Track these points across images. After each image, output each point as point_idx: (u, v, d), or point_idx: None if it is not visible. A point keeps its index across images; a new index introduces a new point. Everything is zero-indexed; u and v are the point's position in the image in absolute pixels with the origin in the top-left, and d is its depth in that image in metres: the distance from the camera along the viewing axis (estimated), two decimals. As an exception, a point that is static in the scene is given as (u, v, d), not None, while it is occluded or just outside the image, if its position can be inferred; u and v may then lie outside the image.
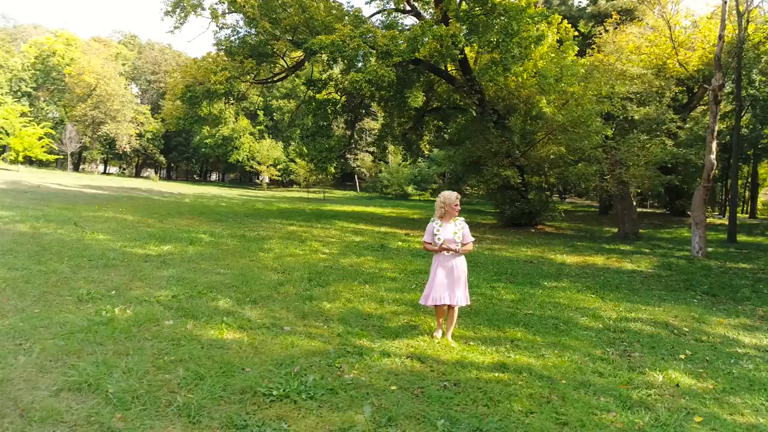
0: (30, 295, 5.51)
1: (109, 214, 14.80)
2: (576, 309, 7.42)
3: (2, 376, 3.49)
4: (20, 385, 3.40)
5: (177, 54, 63.75)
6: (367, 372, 4.24)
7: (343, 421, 3.32)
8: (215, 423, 3.14)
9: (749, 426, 3.74)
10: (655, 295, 9.13)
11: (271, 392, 3.62)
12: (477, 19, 16.52)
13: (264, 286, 7.09)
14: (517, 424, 3.47)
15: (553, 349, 5.29)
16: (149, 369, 3.86)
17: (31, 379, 3.52)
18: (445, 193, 5.36)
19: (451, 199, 5.24)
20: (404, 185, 47.20)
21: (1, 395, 3.23)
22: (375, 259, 10.63)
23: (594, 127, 18.84)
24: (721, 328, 6.91)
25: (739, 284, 10.72)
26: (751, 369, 5.15)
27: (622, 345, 5.70)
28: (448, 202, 5.23)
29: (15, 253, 7.67)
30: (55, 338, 4.30)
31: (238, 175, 77.43)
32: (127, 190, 31.37)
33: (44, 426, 2.92)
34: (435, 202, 5.44)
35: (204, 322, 5.16)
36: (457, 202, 5.26)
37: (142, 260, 8.19)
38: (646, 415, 3.79)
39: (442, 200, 5.28)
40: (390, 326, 5.67)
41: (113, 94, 47.96)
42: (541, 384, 4.25)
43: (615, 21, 27.18)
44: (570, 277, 10.49)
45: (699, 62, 24.33)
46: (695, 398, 4.22)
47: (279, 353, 4.49)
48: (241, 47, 16.28)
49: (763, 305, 8.83)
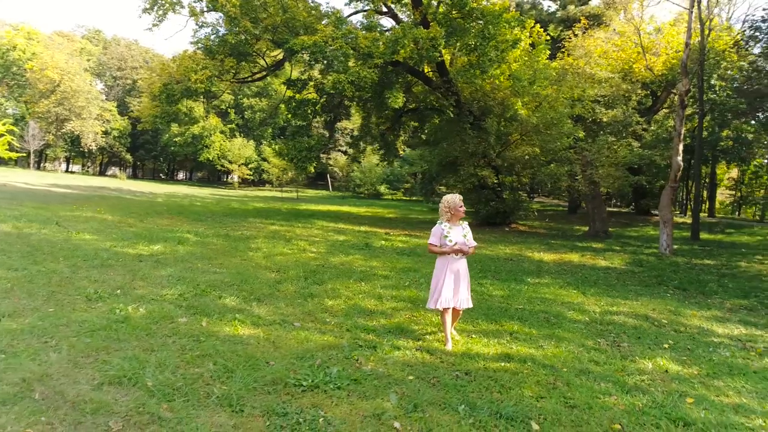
0: (39, 295, 5.54)
1: (88, 213, 14.58)
2: (562, 304, 7.81)
3: (41, 372, 3.59)
4: (61, 379, 3.52)
5: (144, 50, 62.48)
6: (382, 364, 4.48)
7: (373, 407, 3.55)
8: (257, 411, 3.33)
9: (735, 405, 4.14)
10: (632, 290, 9.65)
11: (300, 383, 3.82)
12: (455, 22, 16.87)
13: (263, 285, 7.23)
14: (531, 408, 3.76)
15: (549, 340, 5.63)
16: (179, 363, 4.01)
17: (69, 374, 3.63)
18: (447, 197, 5.36)
19: (455, 201, 5.27)
20: (377, 185, 47.49)
21: (47, 389, 3.34)
22: (363, 257, 10.84)
23: (566, 129, 19.50)
24: (696, 320, 7.41)
25: (706, 279, 11.37)
26: (728, 356, 5.60)
27: (610, 336, 6.09)
28: (452, 205, 5.25)
29: (8, 253, 7.59)
30: (78, 336, 4.38)
31: (206, 174, 76.34)
32: (96, 189, 30.68)
33: (98, 416, 3.06)
34: (438, 206, 5.46)
35: (217, 319, 5.31)
36: (461, 204, 5.29)
37: (136, 260, 8.21)
38: (643, 397, 4.14)
39: (446, 204, 5.28)
40: (394, 321, 5.91)
41: (78, 91, 46.63)
42: (546, 372, 4.57)
43: (583, 26, 28.07)
44: (550, 274, 10.93)
45: (663, 67, 25.33)
46: (684, 382, 4.61)
47: (296, 348, 4.68)
48: (221, 46, 16.22)
49: (730, 298, 9.44)
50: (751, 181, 41.26)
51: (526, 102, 19.97)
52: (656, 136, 27.92)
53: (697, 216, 20.98)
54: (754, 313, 8.31)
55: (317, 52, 15.07)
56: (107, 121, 52.73)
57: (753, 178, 40.08)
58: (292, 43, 15.32)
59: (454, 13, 16.94)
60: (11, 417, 2.93)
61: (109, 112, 52.79)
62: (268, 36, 16.17)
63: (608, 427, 3.54)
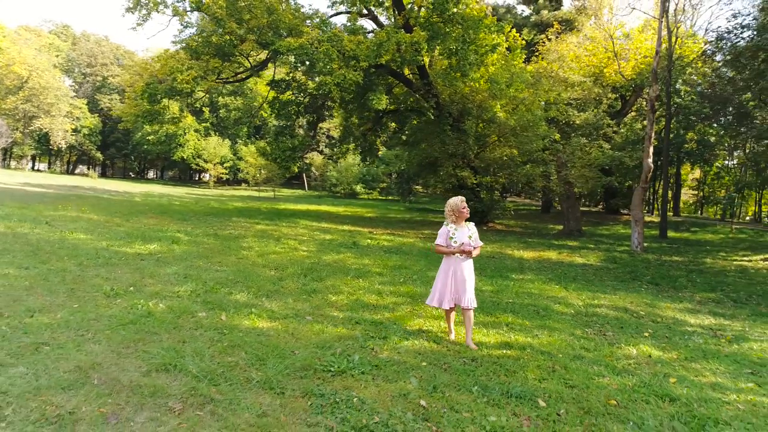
0: (59, 292, 5.73)
1: (72, 213, 14.53)
2: (547, 298, 8.32)
3: (91, 361, 3.86)
4: (111, 367, 3.79)
5: (115, 47, 61.31)
6: (396, 352, 4.86)
7: (398, 389, 3.93)
8: (297, 393, 3.68)
9: (712, 384, 4.66)
10: (609, 285, 10.26)
11: (328, 369, 4.18)
12: (436, 26, 17.32)
13: (267, 282, 7.53)
14: (536, 388, 4.20)
15: (542, 330, 6.10)
16: (213, 353, 4.31)
17: (116, 362, 3.90)
18: (451, 200, 5.51)
19: (457, 203, 5.42)
20: (353, 184, 47.77)
21: (102, 375, 3.62)
22: (354, 255, 11.18)
23: (541, 131, 20.20)
24: (670, 312, 8.01)
25: (676, 275, 12.10)
26: (701, 343, 6.17)
27: (596, 326, 6.60)
28: (455, 207, 5.39)
29: (12, 252, 7.70)
30: (111, 329, 4.64)
31: (177, 173, 75.29)
32: (71, 188, 30.19)
33: (157, 398, 3.36)
34: (444, 208, 5.62)
35: (234, 314, 5.60)
36: (463, 205, 5.43)
37: (137, 259, 8.39)
38: (632, 378, 4.62)
39: (450, 207, 5.42)
40: (397, 315, 6.29)
41: (47, 87, 45.53)
42: (544, 358, 5.02)
43: (556, 30, 28.94)
44: (532, 270, 11.48)
45: (632, 72, 26.30)
46: (666, 365, 5.12)
47: (314, 338, 5.02)
48: (206, 47, 16.31)
49: (699, 292, 10.13)
50: (713, 182, 42.97)
51: (504, 105, 20.59)
52: (625, 138, 28.97)
53: (665, 215, 21.96)
54: (721, 305, 8.97)
55: (303, 54, 15.33)
56: (77, 118, 51.61)
57: (715, 178, 41.75)
58: (278, 45, 15.54)
59: (435, 18, 17.38)
60: (81, 399, 3.21)
61: (79, 110, 51.66)
62: (253, 37, 16.34)
63: (605, 402, 4.00)
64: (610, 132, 25.88)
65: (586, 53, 26.89)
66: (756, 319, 7.92)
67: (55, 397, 3.21)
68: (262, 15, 15.79)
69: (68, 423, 2.91)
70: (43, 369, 3.62)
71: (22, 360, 3.75)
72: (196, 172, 70.84)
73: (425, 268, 10.11)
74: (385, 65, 17.00)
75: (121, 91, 58.24)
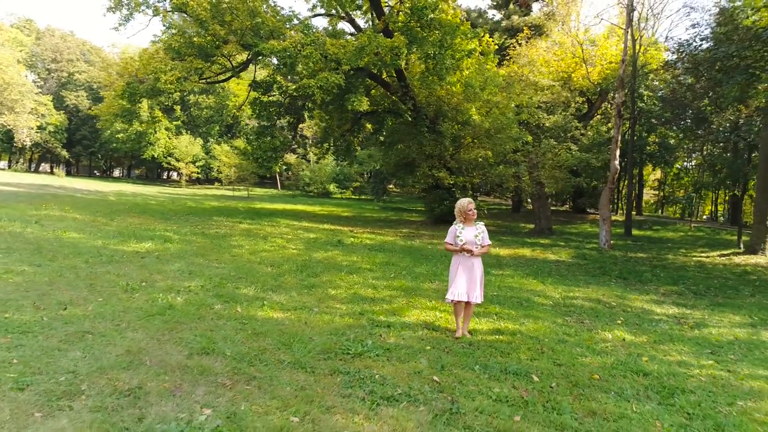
0: (80, 287, 6.05)
1: (56, 213, 14.54)
2: (527, 291, 8.97)
3: (136, 346, 4.25)
4: (156, 351, 4.20)
5: (81, 42, 59.89)
6: (401, 338, 5.38)
7: (411, 368, 4.45)
8: (326, 371, 4.16)
9: (678, 361, 5.34)
10: (581, 280, 11.01)
11: (347, 352, 4.67)
12: (414, 31, 17.88)
13: (267, 277, 7.94)
14: (529, 366, 4.78)
15: (527, 319, 6.72)
16: (242, 339, 4.75)
17: (159, 348, 4.30)
18: (459, 201, 5.85)
19: (464, 204, 5.76)
20: (326, 183, 48.00)
21: (152, 358, 4.02)
22: (341, 253, 11.65)
23: (513, 133, 21.01)
24: (638, 303, 8.76)
25: (641, 270, 12.99)
26: (667, 329, 6.88)
27: (574, 315, 7.27)
28: (462, 209, 5.74)
29: (17, 251, 7.89)
30: (142, 319, 5.02)
31: (144, 171, 74.05)
32: (41, 187, 29.65)
33: (207, 376, 3.79)
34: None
35: (247, 306, 6.03)
36: (469, 207, 5.74)
37: (138, 257, 8.68)
38: (611, 358, 5.26)
39: (458, 208, 5.74)
40: (394, 306, 6.80)
41: (11, 83, 44.30)
42: (532, 341, 5.62)
43: (526, 35, 29.91)
44: (509, 266, 12.15)
45: (598, 77, 27.44)
46: (638, 347, 5.79)
47: (326, 327, 5.50)
48: (188, 47, 16.47)
49: (663, 285, 10.98)
50: (673, 182, 44.93)
51: (478, 107, 21.31)
52: (592, 140, 30.17)
53: (630, 214, 23.09)
54: (683, 297, 9.81)
55: (286, 57, 15.69)
56: (42, 115, 50.33)
57: (675, 179, 43.66)
58: (261, 47, 15.85)
59: (414, 23, 17.94)
60: (142, 377, 3.62)
61: (44, 106, 50.38)
62: (235, 39, 16.60)
63: (589, 377, 4.61)
64: (577, 134, 26.94)
65: (555, 58, 27.92)
66: (714, 308, 8.74)
67: (120, 375, 3.62)
68: (245, 17, 16.06)
69: (140, 395, 3.33)
70: (97, 353, 4.01)
71: (75, 346, 4.13)
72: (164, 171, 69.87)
73: (411, 265, 10.65)
74: (365, 68, 17.47)
75: (88, 87, 57.04)
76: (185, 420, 3.05)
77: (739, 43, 11.92)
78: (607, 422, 3.67)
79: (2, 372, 3.46)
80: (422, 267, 10.49)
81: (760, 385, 4.72)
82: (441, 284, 8.54)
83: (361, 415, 3.39)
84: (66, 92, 55.34)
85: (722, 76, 13.34)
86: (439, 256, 12.41)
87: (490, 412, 3.64)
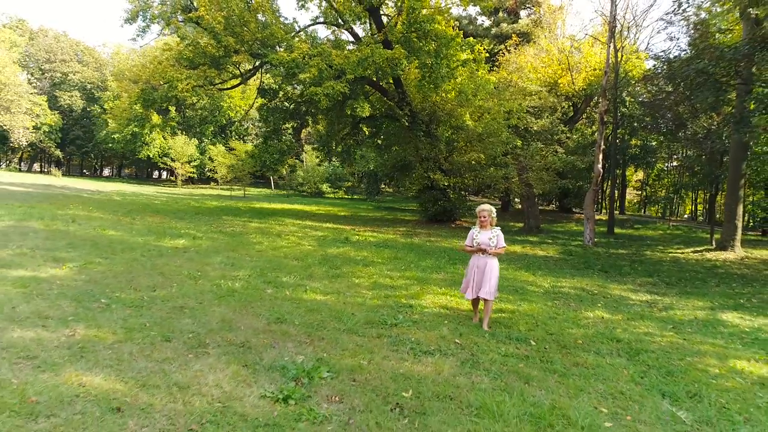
0: (153, 275, 7.21)
1: (81, 212, 15.56)
2: (521, 281, 10.29)
3: (227, 317, 5.44)
4: (242, 320, 5.40)
5: (75, 42, 60.31)
6: (423, 315, 6.62)
7: (437, 334, 5.70)
8: (374, 335, 5.40)
9: (645, 333, 6.66)
10: (567, 272, 12.36)
11: (385, 323, 5.92)
12: (412, 42, 19.14)
13: (297, 269, 9.15)
14: (527, 334, 6.05)
15: (523, 302, 8.02)
16: (301, 313, 5.97)
17: (243, 319, 5.50)
18: (478, 207, 6.68)
19: (477, 211, 6.57)
20: (319, 183, 49.17)
21: (243, 325, 5.23)
22: (352, 249, 12.86)
23: (504, 137, 22.37)
24: (617, 291, 10.12)
25: (621, 264, 14.38)
26: (639, 310, 8.22)
27: (562, 299, 8.59)
28: (478, 214, 6.48)
29: (80, 247, 9.01)
30: (219, 299, 6.21)
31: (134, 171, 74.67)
32: (46, 187, 30.44)
33: (288, 337, 5.00)
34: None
35: (293, 290, 7.24)
36: (480, 214, 6.41)
37: (181, 251, 9.83)
38: (591, 329, 6.56)
39: (477, 212, 6.52)
40: (411, 292, 8.05)
41: (7, 84, 44.83)
42: (528, 318, 6.91)
43: (515, 42, 31.35)
44: (502, 261, 13.31)
45: (583, 83, 28.95)
46: (614, 323, 7.11)
47: (362, 306, 6.73)
48: (202, 57, 17.56)
49: (640, 277, 12.36)
50: (655, 183, 46.75)
51: (471, 113, 22.63)
52: (577, 142, 31.68)
53: (613, 214, 24.59)
54: (656, 287, 11.17)
55: (294, 67, 16.87)
56: (37, 115, 50.85)
57: (656, 179, 45.44)
58: (271, 58, 17.02)
59: (412, 34, 19.19)
60: (246, 336, 4.84)
61: (39, 107, 50.89)
62: (245, 48, 17.73)
63: (574, 342, 5.90)
64: (563, 137, 28.43)
65: (542, 65, 29.37)
66: (682, 296, 10.12)
67: (227, 335, 4.83)
68: (256, 30, 17.20)
69: (251, 347, 4.55)
70: (202, 321, 5.22)
71: (181, 316, 5.33)
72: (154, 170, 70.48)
73: (417, 259, 11.91)
74: (366, 77, 18.68)
75: (81, 87, 57.55)
76: (290, 360, 4.28)
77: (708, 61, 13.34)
78: (587, 370, 4.95)
79: (147, 330, 4.67)
80: (427, 261, 11.75)
81: (706, 348, 6.06)
82: (447, 275, 9.82)
83: (408, 361, 4.65)
84: (60, 92, 55.83)
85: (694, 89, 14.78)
86: (440, 252, 13.70)
87: (501, 362, 4.91)
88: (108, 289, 6.14)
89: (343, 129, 22.86)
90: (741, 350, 6.09)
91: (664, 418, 3.87)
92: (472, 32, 35.67)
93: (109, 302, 5.57)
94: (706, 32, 16.50)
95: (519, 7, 36.59)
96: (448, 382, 4.21)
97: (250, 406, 3.36)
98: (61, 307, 5.21)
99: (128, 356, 4.02)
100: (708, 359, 5.59)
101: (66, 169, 68.65)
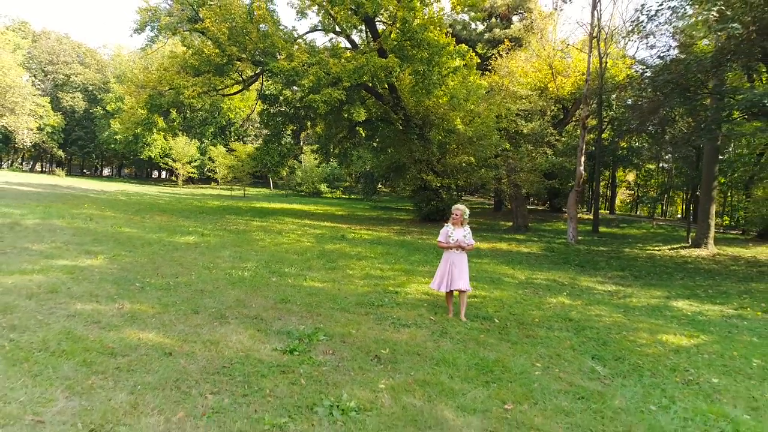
0: (173, 266, 8.31)
1: (95, 211, 16.64)
2: (500, 274, 11.40)
3: (240, 297, 6.54)
4: (253, 301, 6.50)
5: (77, 44, 61.41)
6: (406, 299, 7.73)
7: (415, 313, 6.81)
8: (362, 312, 6.51)
9: (596, 314, 7.78)
10: (545, 267, 13.48)
11: (373, 304, 7.03)
12: (406, 50, 20.26)
13: (298, 262, 10.26)
14: (493, 314, 7.16)
15: (496, 290, 9.13)
16: (302, 296, 7.07)
17: (254, 299, 6.60)
18: (453, 206, 7.34)
19: (454, 209, 7.20)
20: (317, 183, 50.29)
21: (254, 303, 6.33)
22: (348, 245, 13.98)
23: (494, 140, 23.50)
24: (586, 282, 11.24)
25: (598, 260, 15.51)
26: (600, 298, 9.35)
27: (532, 288, 9.71)
28: (453, 212, 7.21)
29: (104, 242, 10.10)
30: (233, 284, 7.32)
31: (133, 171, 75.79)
32: (53, 187, 31.49)
33: (291, 312, 6.10)
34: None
35: (294, 279, 8.35)
36: (454, 212, 7.19)
37: (192, 247, 10.92)
38: (550, 311, 7.68)
39: (452, 210, 7.31)
40: (398, 282, 9.15)
41: (12, 86, 45.86)
42: (497, 302, 8.02)
43: (507, 47, 32.48)
44: (487, 257, 14.57)
45: (572, 87, 30.07)
46: (572, 307, 8.22)
47: (354, 292, 7.83)
48: (206, 65, 18.66)
49: (612, 271, 13.49)
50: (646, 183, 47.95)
51: (462, 117, 23.76)
52: (566, 144, 32.81)
53: (597, 213, 25.73)
54: (624, 279, 12.31)
55: (294, 75, 17.98)
56: (41, 116, 51.89)
57: (645, 180, 46.64)
58: (272, 66, 18.12)
59: (406, 42, 20.31)
60: (257, 311, 5.94)
61: (42, 108, 51.95)
62: (248, 56, 18.83)
63: (532, 321, 7.01)
64: (553, 140, 29.56)
65: (532, 69, 30.51)
66: (645, 287, 11.24)
67: (242, 310, 5.94)
68: (258, 39, 18.30)
69: (263, 318, 5.66)
70: (220, 300, 6.33)
71: (202, 297, 6.43)
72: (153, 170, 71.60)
73: (406, 254, 13.02)
74: (362, 83, 19.79)
75: (83, 89, 58.59)
76: (294, 328, 5.39)
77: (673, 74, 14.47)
78: (536, 340, 6.06)
79: (178, 306, 5.79)
80: (415, 256, 12.87)
81: (643, 326, 7.18)
82: (432, 268, 10.88)
83: (389, 331, 5.76)
84: (62, 93, 56.90)
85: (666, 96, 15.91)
86: (429, 248, 14.81)
87: (466, 333, 6.03)
88: (139, 275, 7.25)
89: (341, 132, 23.97)
90: (674, 328, 7.20)
91: (584, 370, 4.99)
92: (465, 37, 36.86)
93: (143, 285, 6.68)
94: (685, 42, 17.65)
95: (511, 12, 37.75)
96: (419, 344, 5.33)
97: (265, 354, 4.47)
98: (105, 288, 6.32)
99: (169, 322, 5.14)
100: (641, 333, 6.71)
101: (68, 169, 69.69)
